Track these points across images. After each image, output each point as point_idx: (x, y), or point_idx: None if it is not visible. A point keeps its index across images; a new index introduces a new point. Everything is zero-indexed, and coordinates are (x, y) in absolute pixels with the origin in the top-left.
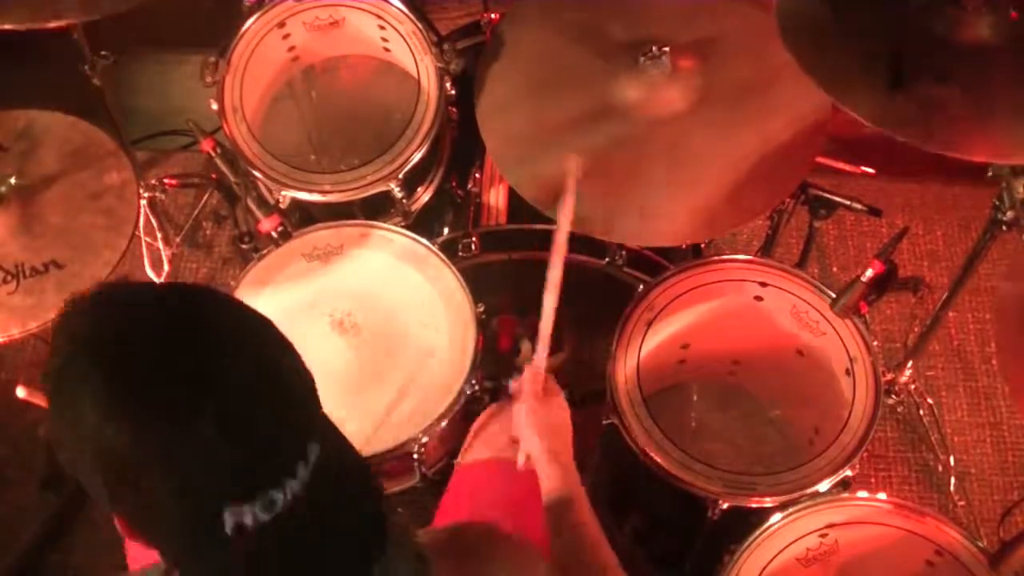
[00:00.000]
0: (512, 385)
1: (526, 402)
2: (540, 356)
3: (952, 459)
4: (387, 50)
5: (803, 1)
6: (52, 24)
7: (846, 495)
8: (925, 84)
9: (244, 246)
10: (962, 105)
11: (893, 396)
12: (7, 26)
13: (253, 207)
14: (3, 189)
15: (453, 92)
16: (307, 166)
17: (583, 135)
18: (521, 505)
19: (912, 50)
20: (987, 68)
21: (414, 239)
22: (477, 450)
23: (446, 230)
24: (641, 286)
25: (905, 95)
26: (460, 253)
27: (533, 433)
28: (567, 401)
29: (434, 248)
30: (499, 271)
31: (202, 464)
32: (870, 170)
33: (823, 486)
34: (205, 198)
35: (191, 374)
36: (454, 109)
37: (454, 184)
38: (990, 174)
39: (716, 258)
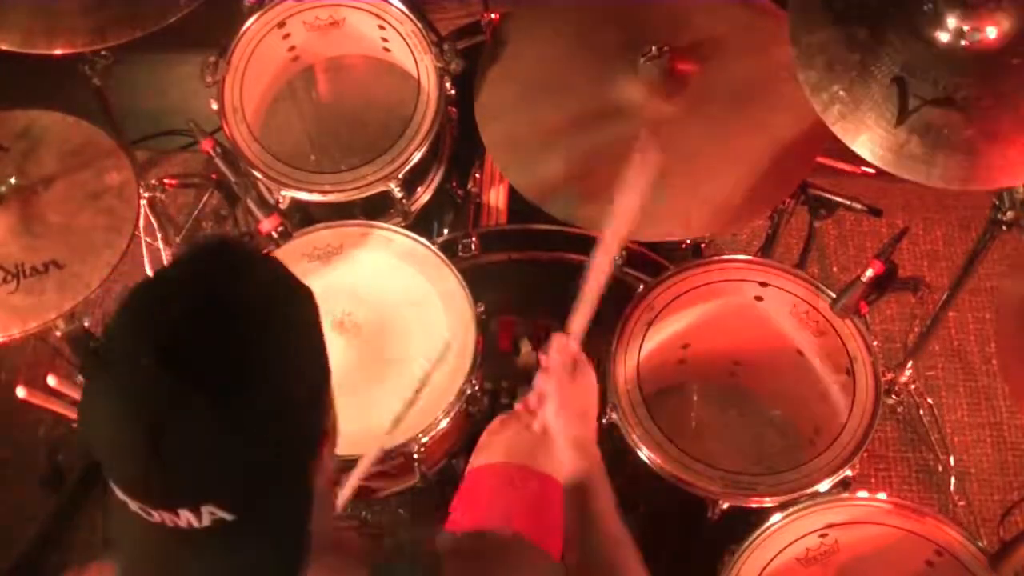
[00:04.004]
0: (542, 358)
1: (553, 380)
2: (577, 327)
3: (952, 459)
4: (387, 50)
5: (814, 23)
6: (59, 51)
7: (846, 495)
8: (928, 111)
9: None
10: (966, 129)
11: (893, 396)
12: (15, 49)
13: (253, 207)
14: (3, 189)
15: (453, 92)
16: (307, 166)
17: (583, 135)
18: (533, 511)
19: (919, 66)
20: (993, 78)
21: (414, 239)
22: (491, 454)
23: (446, 230)
24: (641, 286)
25: (909, 128)
26: (460, 253)
27: (557, 415)
28: None
29: (434, 248)
30: (499, 271)
31: (102, 439)
32: (870, 170)
33: (823, 486)
34: (205, 198)
35: (155, 378)
36: (454, 109)
37: (454, 184)
38: None
39: (716, 258)
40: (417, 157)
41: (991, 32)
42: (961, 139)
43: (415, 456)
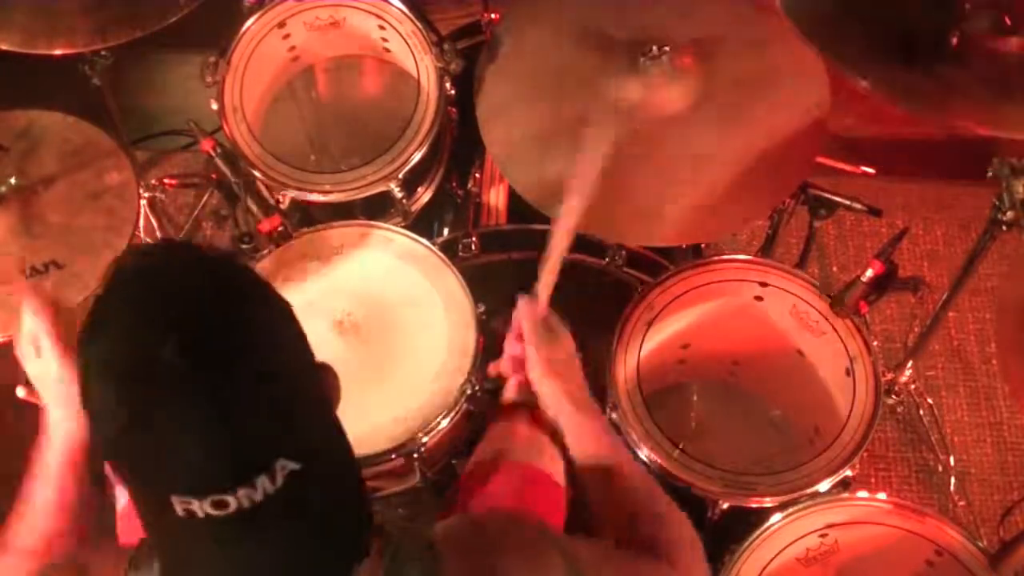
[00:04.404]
0: (513, 323)
1: (531, 343)
2: (542, 294)
3: (952, 459)
4: (387, 50)
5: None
6: (59, 52)
7: (846, 495)
8: (938, 63)
9: (244, 246)
10: (976, 84)
11: (893, 396)
12: (15, 49)
13: (253, 207)
14: (3, 189)
15: (453, 92)
16: (307, 166)
17: (583, 135)
18: (537, 508)
19: (923, 30)
20: (997, 52)
21: (414, 239)
22: (494, 451)
23: (446, 230)
24: (641, 286)
25: (920, 72)
26: (460, 253)
27: (544, 377)
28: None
29: (434, 248)
30: (499, 271)
31: (154, 452)
32: (870, 170)
33: (823, 486)
34: (205, 198)
35: (187, 366)
36: (454, 109)
37: (454, 184)
38: (990, 174)
39: (716, 258)
40: (417, 157)
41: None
42: (969, 89)
43: (415, 456)
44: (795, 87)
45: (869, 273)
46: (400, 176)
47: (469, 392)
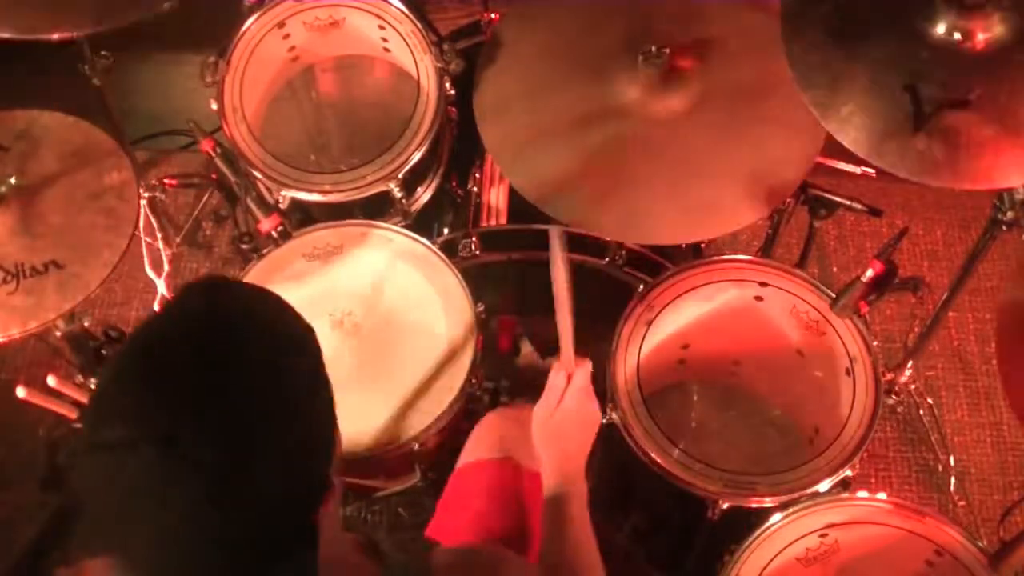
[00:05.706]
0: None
1: (540, 405)
2: (564, 353)
3: (952, 459)
4: (387, 50)
5: (810, 37)
6: (56, 36)
7: (846, 495)
8: (944, 114)
9: (244, 246)
10: (985, 126)
11: (893, 396)
12: (8, 35)
13: (253, 207)
14: (3, 189)
15: (453, 92)
16: (307, 166)
17: (582, 135)
18: (521, 511)
19: (926, 71)
20: (1004, 73)
21: (414, 239)
22: (485, 449)
23: (446, 230)
24: (641, 286)
25: (928, 133)
26: (460, 253)
27: (538, 439)
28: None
29: (434, 248)
30: (499, 271)
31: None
32: (870, 170)
33: (823, 486)
34: (205, 198)
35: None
36: (454, 109)
37: (454, 184)
38: None
39: (716, 258)
40: (417, 157)
41: (992, 30)
42: (980, 136)
43: (415, 455)
44: (795, 86)
45: (869, 273)
46: (400, 176)
47: (469, 392)
